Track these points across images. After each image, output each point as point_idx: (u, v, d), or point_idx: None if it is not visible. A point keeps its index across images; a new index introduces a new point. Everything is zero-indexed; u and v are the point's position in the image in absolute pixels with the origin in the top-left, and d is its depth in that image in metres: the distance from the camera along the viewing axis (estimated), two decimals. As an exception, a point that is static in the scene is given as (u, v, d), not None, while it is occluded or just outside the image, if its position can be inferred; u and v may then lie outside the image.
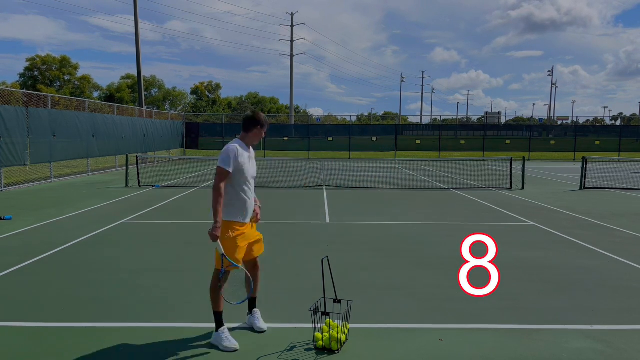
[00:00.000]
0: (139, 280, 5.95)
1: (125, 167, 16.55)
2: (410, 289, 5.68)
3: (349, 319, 4.33)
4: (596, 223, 9.92)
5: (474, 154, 35.37)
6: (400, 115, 77.89)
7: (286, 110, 78.05)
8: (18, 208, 11.09)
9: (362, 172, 22.11)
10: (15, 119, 14.75)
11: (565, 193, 15.03)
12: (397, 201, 12.94)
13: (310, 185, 16.30)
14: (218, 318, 4.16)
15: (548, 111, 78.27)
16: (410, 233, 8.90)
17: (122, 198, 13.01)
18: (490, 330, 4.52)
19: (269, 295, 5.44)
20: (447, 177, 19.79)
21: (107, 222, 9.49)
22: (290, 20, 57.21)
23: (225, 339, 4.09)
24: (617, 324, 4.69)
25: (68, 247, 7.52)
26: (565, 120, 65.55)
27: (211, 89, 77.66)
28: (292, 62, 57.24)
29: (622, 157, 30.77)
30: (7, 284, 5.77)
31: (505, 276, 6.14)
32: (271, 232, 8.73)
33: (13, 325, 4.57)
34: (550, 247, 7.82)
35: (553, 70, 76.85)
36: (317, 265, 6.21)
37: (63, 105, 21.89)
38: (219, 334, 4.13)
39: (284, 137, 36.10)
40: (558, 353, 4.06)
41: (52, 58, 58.70)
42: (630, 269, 6.61)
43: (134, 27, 30.04)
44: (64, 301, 5.20)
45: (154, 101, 67.63)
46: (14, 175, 16.67)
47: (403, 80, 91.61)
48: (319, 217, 10.46)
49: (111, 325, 4.56)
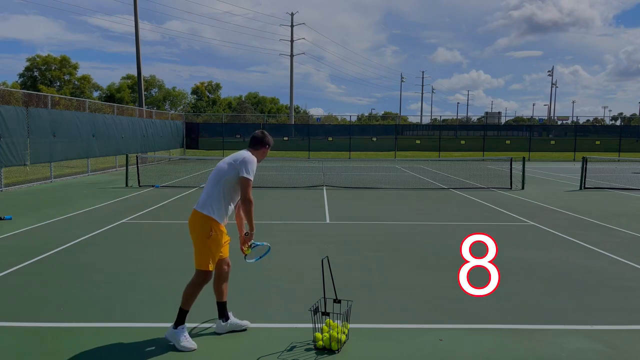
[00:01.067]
0: (139, 280, 5.95)
1: (125, 167, 16.55)
2: (410, 289, 5.68)
3: (349, 319, 4.33)
4: (596, 223, 9.92)
5: (474, 154, 35.38)
6: (400, 115, 77.91)
7: (286, 110, 78.04)
8: (18, 208, 11.09)
9: (362, 172, 22.11)
10: (16, 119, 14.75)
11: (565, 193, 15.03)
12: (397, 201, 12.94)
13: (310, 185, 16.30)
14: (182, 316, 4.15)
15: (548, 111, 78.30)
16: (410, 233, 8.90)
17: (122, 198, 13.01)
18: (490, 330, 4.52)
19: (269, 295, 5.44)
20: (447, 177, 19.79)
21: (107, 222, 9.49)
22: (290, 20, 57.24)
23: (184, 338, 4.09)
24: (617, 324, 4.69)
25: (68, 247, 7.52)
26: (565, 120, 65.57)
27: (211, 89, 77.67)
28: (292, 62, 57.28)
29: (622, 157, 30.78)
30: (7, 284, 5.77)
31: (505, 276, 6.14)
32: (271, 232, 8.74)
33: (13, 325, 4.57)
34: (550, 247, 7.82)
35: (553, 70, 76.89)
36: (317, 265, 6.21)
37: (63, 105, 21.89)
38: (178, 331, 4.10)
39: (284, 137, 36.09)
40: (558, 353, 4.07)
41: (52, 58, 58.70)
42: (630, 269, 6.61)
43: (134, 27, 30.05)
44: (63, 301, 5.20)
45: (154, 101, 67.63)
46: (14, 175, 16.67)
47: (403, 81, 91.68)
48: (319, 217, 10.46)
49: (111, 325, 4.56)
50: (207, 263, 4.12)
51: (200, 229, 4.11)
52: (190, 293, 4.17)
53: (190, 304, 4.19)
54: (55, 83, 58.31)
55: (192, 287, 4.17)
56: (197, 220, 4.15)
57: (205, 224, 4.10)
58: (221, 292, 4.41)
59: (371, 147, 35.42)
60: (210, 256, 4.13)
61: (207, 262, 4.12)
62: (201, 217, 4.12)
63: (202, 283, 4.18)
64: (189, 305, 4.18)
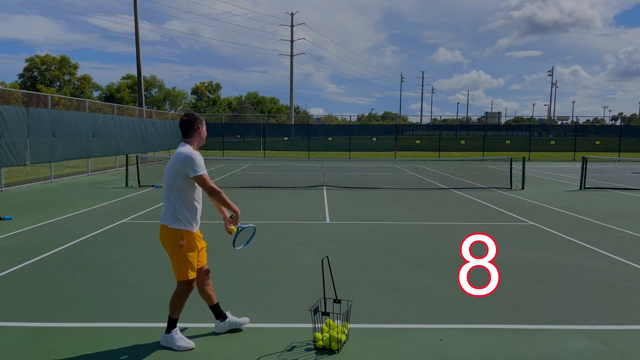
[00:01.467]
0: (139, 280, 5.95)
1: (125, 167, 16.55)
2: (410, 289, 5.68)
3: (349, 319, 4.33)
4: (596, 223, 9.92)
5: (474, 154, 35.39)
6: (400, 115, 77.94)
7: (286, 110, 78.07)
8: (18, 208, 11.09)
9: (362, 172, 22.11)
10: (16, 119, 14.74)
11: (565, 193, 15.03)
12: (397, 201, 12.94)
13: (310, 185, 16.30)
14: (172, 322, 4.14)
15: (548, 111, 78.28)
16: (410, 233, 8.90)
17: (122, 198, 13.01)
18: (490, 330, 4.52)
19: (269, 295, 5.44)
20: (447, 177, 19.79)
21: (107, 222, 9.49)
22: (290, 20, 57.24)
23: (179, 338, 4.09)
24: (617, 324, 4.69)
25: (68, 247, 7.52)
26: (565, 120, 65.61)
27: (211, 89, 77.71)
28: (292, 62, 57.29)
29: (622, 157, 30.79)
30: (7, 284, 5.77)
31: (505, 276, 6.14)
32: (271, 232, 8.74)
33: (13, 325, 4.57)
34: (550, 247, 7.82)
35: (553, 71, 76.88)
36: (317, 265, 6.21)
37: (63, 105, 21.89)
38: (171, 335, 4.10)
39: (284, 137, 36.12)
40: (558, 353, 4.06)
41: (52, 58, 58.70)
42: (630, 269, 6.61)
43: (134, 27, 30.04)
44: (63, 301, 5.20)
45: (154, 101, 67.66)
46: (14, 175, 16.67)
47: (403, 81, 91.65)
48: (319, 217, 10.46)
49: (111, 325, 4.56)
50: (186, 272, 4.04)
51: (170, 243, 4.02)
52: (177, 304, 4.13)
53: (179, 313, 4.16)
54: (55, 83, 58.31)
55: (177, 298, 4.11)
56: (165, 234, 4.04)
57: (174, 237, 3.99)
58: (209, 296, 4.36)
59: (371, 147, 35.43)
60: (187, 265, 4.03)
61: (186, 271, 4.03)
62: (168, 231, 4.01)
63: (186, 292, 4.12)
64: (177, 314, 4.16)
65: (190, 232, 4.04)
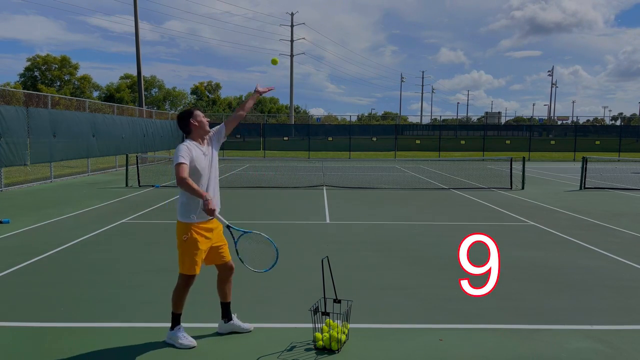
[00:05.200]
0: (138, 280, 5.95)
1: (125, 167, 16.55)
2: (410, 289, 5.68)
3: (349, 319, 4.33)
4: (596, 223, 9.92)
5: (474, 154, 35.37)
6: (400, 115, 77.92)
7: (286, 110, 78.01)
8: (18, 208, 11.09)
9: (362, 172, 22.10)
10: (16, 119, 14.75)
11: (565, 193, 15.03)
12: (397, 201, 12.94)
13: (310, 185, 16.30)
14: (176, 318, 4.18)
15: (548, 111, 78.31)
16: (410, 233, 8.90)
17: (122, 198, 13.01)
18: (490, 330, 4.52)
19: (269, 295, 5.44)
20: (447, 177, 19.79)
21: (107, 222, 9.49)
22: (289, 20, 57.24)
23: (182, 336, 4.12)
24: (617, 324, 4.69)
25: (68, 247, 7.52)
26: (565, 120, 65.64)
27: (211, 89, 77.67)
28: (292, 62, 57.29)
29: (622, 157, 30.78)
30: (7, 284, 5.77)
31: (505, 276, 6.14)
32: (271, 232, 8.72)
33: (13, 325, 4.57)
34: (550, 247, 7.82)
35: (553, 71, 76.90)
36: (317, 265, 6.21)
37: (63, 105, 21.92)
38: (175, 332, 4.14)
39: (284, 137, 36.11)
40: (558, 353, 4.06)
41: (52, 58, 58.65)
42: (630, 269, 6.61)
43: (134, 27, 30.03)
44: (63, 301, 5.20)
45: (154, 101, 67.62)
46: (14, 175, 16.67)
47: (403, 81, 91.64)
48: (319, 217, 10.46)
49: (111, 325, 4.57)
50: (186, 267, 4.07)
51: (177, 235, 4.14)
52: (177, 297, 4.17)
53: (181, 307, 4.20)
54: (55, 83, 58.28)
55: (176, 291, 4.18)
56: (176, 227, 4.18)
57: (180, 230, 4.10)
58: (224, 293, 4.40)
59: (371, 147, 35.43)
60: (189, 259, 4.06)
61: (187, 265, 4.07)
62: (177, 224, 4.16)
63: (186, 286, 4.15)
64: (180, 308, 4.19)
65: (196, 225, 4.06)
